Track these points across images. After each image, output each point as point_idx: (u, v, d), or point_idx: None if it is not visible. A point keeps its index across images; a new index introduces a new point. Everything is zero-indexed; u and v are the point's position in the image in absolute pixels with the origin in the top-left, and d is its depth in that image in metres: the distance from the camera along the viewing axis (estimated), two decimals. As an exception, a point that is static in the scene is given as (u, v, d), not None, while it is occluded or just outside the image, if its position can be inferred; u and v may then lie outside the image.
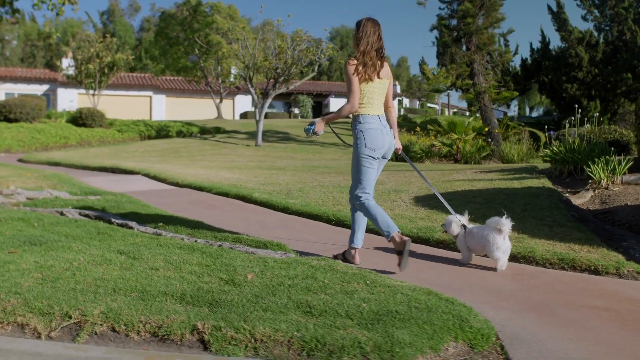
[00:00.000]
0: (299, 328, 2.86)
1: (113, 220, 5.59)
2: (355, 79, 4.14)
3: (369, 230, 4.90)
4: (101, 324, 2.97)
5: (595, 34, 23.54)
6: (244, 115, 42.26)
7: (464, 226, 4.52)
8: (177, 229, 5.28)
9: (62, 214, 5.92)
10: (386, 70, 4.31)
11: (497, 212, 6.09)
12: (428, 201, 6.84)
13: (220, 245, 4.57)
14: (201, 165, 14.98)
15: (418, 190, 7.85)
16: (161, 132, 25.84)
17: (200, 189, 8.80)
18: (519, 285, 4.01)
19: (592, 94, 22.84)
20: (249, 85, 23.17)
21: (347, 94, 4.18)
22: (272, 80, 23.35)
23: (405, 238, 4.04)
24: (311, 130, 4.34)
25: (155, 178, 10.82)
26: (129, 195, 7.36)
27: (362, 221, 4.41)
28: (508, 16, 21.01)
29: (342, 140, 5.07)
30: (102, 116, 24.69)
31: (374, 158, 4.20)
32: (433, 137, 20.72)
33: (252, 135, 27.13)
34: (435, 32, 26.76)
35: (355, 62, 4.18)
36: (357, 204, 4.29)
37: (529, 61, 25.56)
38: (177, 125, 27.02)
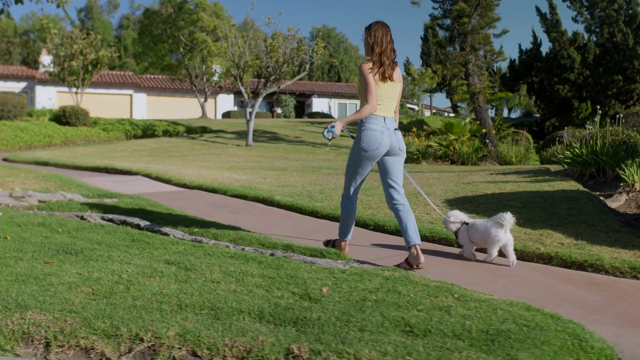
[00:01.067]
0: (408, 351, 2.55)
1: (142, 225, 5.20)
2: (371, 80, 4.24)
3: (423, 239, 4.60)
4: (179, 348, 2.62)
5: (586, 35, 23.62)
6: (226, 115, 41.67)
7: (465, 223, 4.63)
8: (215, 234, 4.92)
9: (82, 218, 5.50)
10: (398, 74, 4.44)
11: (541, 216, 5.87)
12: (463, 204, 6.57)
13: (272, 254, 4.22)
14: (197, 165, 14.54)
15: (444, 193, 7.58)
16: (147, 131, 25.22)
17: (213, 190, 8.40)
18: (602, 296, 3.75)
19: (584, 96, 22.90)
20: (240, 84, 22.72)
21: (364, 96, 4.27)
22: (262, 80, 22.96)
23: (346, 250, 4.52)
24: (332, 133, 4.31)
25: (158, 179, 10.38)
26: (146, 198, 6.95)
27: (408, 219, 4.34)
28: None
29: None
30: (86, 114, 24.00)
31: (366, 157, 4.30)
32: (424, 138, 20.55)
33: (240, 135, 26.70)
34: (421, 33, 26.61)
35: (371, 64, 4.29)
36: (342, 200, 4.56)
37: (517, 62, 25.59)
38: (163, 124, 26.43)
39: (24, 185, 8.19)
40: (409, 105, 77.15)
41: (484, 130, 18.91)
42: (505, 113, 70.38)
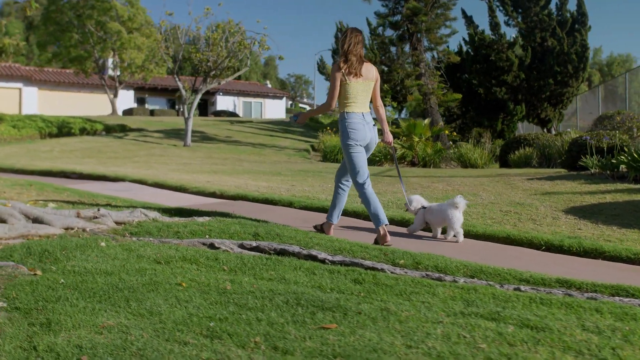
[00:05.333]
0: None
1: (325, 258, 3.91)
2: (337, 81, 4.69)
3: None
4: None
5: (520, 39, 24.23)
6: (128, 112, 38.71)
7: (423, 207, 5.19)
8: (443, 268, 3.76)
9: (213, 247, 4.11)
10: (371, 72, 4.80)
11: None
12: (597, 216, 5.86)
13: (567, 294, 3.20)
14: (168, 169, 12.84)
15: (521, 198, 6.85)
16: (63, 129, 22.49)
17: (266, 201, 7.06)
18: None
19: (519, 98, 23.47)
20: (176, 80, 20.84)
21: (327, 94, 4.79)
22: (199, 77, 21.24)
23: (388, 238, 4.60)
24: (295, 120, 5.15)
25: (160, 186, 8.79)
26: (232, 214, 5.53)
27: (340, 201, 4.96)
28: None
29: (402, 186, 5.50)
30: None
31: (357, 145, 4.70)
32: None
33: (168, 134, 24.68)
34: (333, 32, 26.06)
35: (341, 63, 4.71)
36: (359, 192, 4.80)
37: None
38: (79, 121, 23.73)
39: (21, 199, 6.42)
40: (300, 105, 77.17)
41: (446, 132, 18.63)
42: (403, 114, 72.27)
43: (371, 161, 16.90)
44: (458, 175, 10.73)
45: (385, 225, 4.64)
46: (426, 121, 18.16)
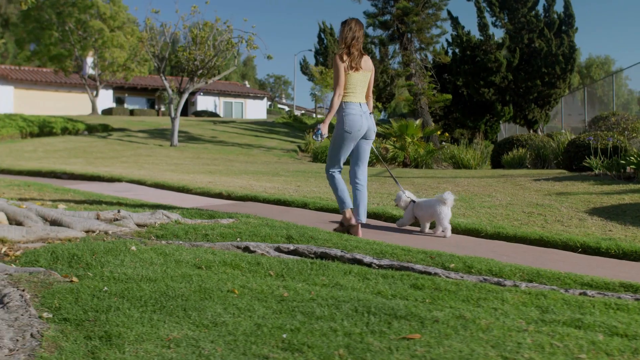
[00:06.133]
0: None
1: (372, 262, 3.70)
2: (342, 71, 4.72)
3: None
4: None
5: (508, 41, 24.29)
6: (107, 112, 38.05)
7: (412, 201, 5.32)
8: (493, 270, 3.59)
9: (247, 249, 3.89)
10: (368, 63, 4.92)
11: None
12: (623, 217, 5.76)
13: (636, 299, 3.05)
14: (159, 169, 12.51)
15: (537, 199, 6.75)
16: (44, 128, 21.92)
17: (278, 202, 6.84)
18: None
19: (507, 99, 23.53)
20: (163, 79, 20.46)
21: (334, 85, 4.77)
22: (185, 76, 20.87)
23: (353, 221, 4.84)
24: (320, 136, 4.82)
25: (161, 186, 8.51)
26: (254, 215, 5.29)
27: (361, 198, 4.99)
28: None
29: (395, 180, 5.80)
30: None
31: (349, 138, 4.77)
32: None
33: (152, 134, 24.28)
34: (315, 32, 25.93)
35: (343, 55, 4.75)
36: (327, 177, 4.97)
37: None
38: (60, 121, 23.17)
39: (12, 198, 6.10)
40: (279, 106, 76.74)
41: (439, 132, 18.55)
42: (382, 114, 72.41)
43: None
44: (461, 176, 10.62)
45: (350, 208, 4.88)
46: (418, 122, 18.08)
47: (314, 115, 52.64)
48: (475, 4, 22.78)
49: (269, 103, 70.62)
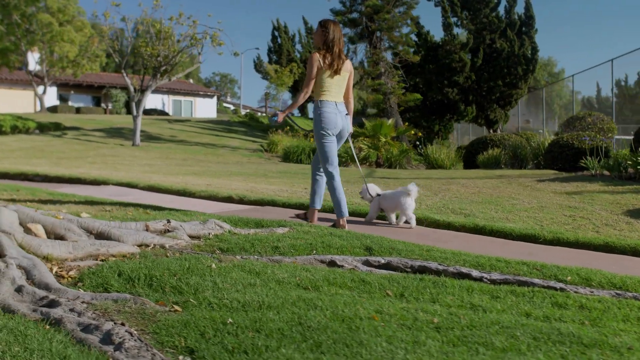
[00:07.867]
0: None
1: (480, 276, 3.34)
2: (314, 70, 4.76)
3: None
4: None
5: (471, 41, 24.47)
6: (53, 110, 36.32)
7: (378, 194, 5.50)
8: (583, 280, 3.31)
9: (333, 263, 3.47)
10: (347, 65, 4.95)
11: None
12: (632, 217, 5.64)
13: None
14: (137, 170, 11.78)
15: (563, 202, 6.59)
16: (-8, 127, 20.53)
17: (287, 206, 6.41)
18: None
19: (470, 99, 23.72)
20: (124, 75, 19.50)
21: (304, 82, 4.84)
22: (147, 74, 19.99)
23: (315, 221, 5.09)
24: (274, 121, 4.97)
25: (156, 189, 7.91)
26: (303, 223, 4.83)
27: (319, 188, 5.13)
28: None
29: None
30: None
31: (329, 135, 4.85)
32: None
33: (108, 132, 23.19)
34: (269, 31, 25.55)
35: (321, 54, 4.78)
36: (328, 181, 4.98)
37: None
38: (9, 118, 21.75)
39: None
40: (225, 105, 75.47)
41: (413, 132, 18.41)
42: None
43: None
44: (456, 176, 10.43)
45: (346, 217, 4.94)
46: (390, 121, 17.91)
47: (259, 114, 51.75)
48: (440, 4, 22.86)
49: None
